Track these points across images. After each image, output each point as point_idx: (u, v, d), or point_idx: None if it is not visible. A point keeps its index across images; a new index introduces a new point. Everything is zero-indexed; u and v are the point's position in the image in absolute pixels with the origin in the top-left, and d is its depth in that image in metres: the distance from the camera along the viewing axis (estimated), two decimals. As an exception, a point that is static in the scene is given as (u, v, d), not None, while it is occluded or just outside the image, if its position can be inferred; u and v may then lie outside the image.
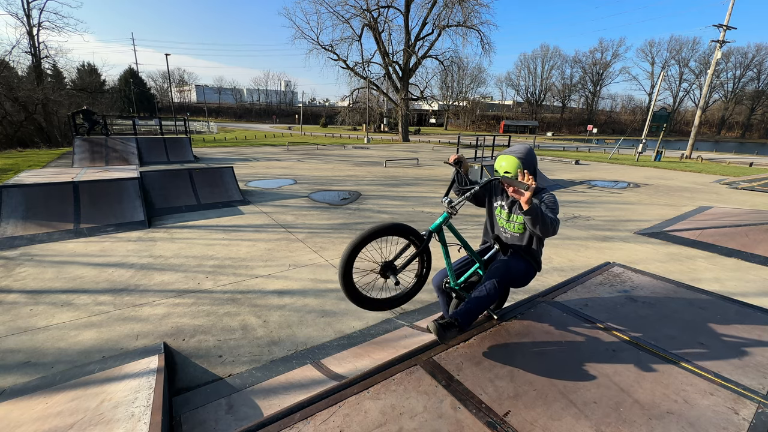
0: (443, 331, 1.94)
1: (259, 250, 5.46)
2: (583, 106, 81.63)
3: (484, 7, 39.16)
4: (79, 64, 43.23)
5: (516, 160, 2.22)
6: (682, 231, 6.78)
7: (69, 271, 4.57)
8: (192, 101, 77.90)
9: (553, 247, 5.99)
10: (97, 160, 12.03)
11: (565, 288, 2.93)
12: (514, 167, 2.20)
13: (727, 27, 23.65)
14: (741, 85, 71.35)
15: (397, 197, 9.49)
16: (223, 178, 8.60)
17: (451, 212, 2.05)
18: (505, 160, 2.24)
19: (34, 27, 26.68)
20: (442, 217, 2.07)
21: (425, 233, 2.07)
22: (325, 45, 33.98)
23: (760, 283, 4.76)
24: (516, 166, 2.21)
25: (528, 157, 2.25)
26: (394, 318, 3.73)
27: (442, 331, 1.94)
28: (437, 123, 78.78)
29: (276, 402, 2.47)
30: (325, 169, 14.22)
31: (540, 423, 1.56)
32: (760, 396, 1.75)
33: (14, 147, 19.71)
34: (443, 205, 2.07)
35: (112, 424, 1.92)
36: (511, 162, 2.22)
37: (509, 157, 2.23)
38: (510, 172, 2.21)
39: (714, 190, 12.11)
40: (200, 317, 3.64)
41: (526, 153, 2.27)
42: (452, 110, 71.84)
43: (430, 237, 2.07)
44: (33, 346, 3.12)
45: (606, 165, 19.29)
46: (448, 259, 2.22)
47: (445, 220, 2.07)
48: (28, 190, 6.20)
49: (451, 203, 2.05)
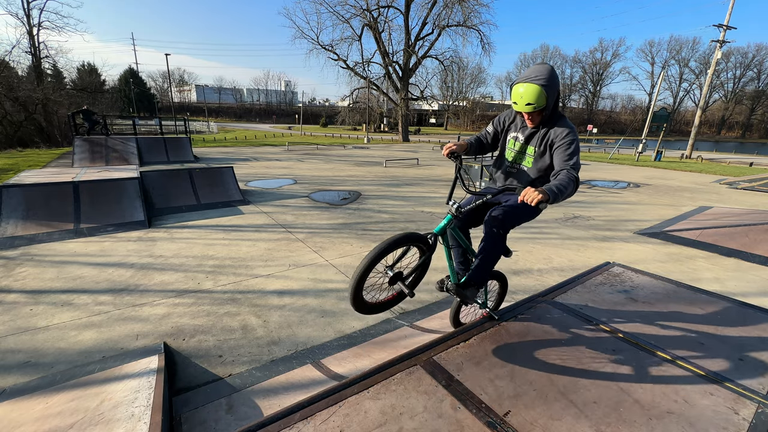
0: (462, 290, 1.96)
1: (259, 250, 5.46)
2: (583, 106, 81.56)
3: (484, 7, 39.12)
4: (79, 64, 43.17)
5: (538, 88, 1.83)
6: (682, 231, 6.78)
7: (69, 271, 4.57)
8: (192, 101, 77.85)
9: (553, 247, 5.99)
10: (97, 160, 12.02)
11: (565, 288, 2.93)
12: (536, 97, 1.84)
13: (727, 27, 23.64)
14: (741, 85, 71.31)
15: (397, 197, 9.49)
16: (223, 178, 8.60)
17: (456, 215, 1.99)
18: (522, 89, 1.86)
19: (34, 27, 26.70)
20: (446, 219, 2.02)
21: (430, 236, 2.01)
22: (325, 45, 33.98)
23: (760, 283, 4.76)
24: (538, 95, 1.83)
25: (551, 81, 1.85)
26: (394, 318, 3.73)
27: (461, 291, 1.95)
28: (437, 123, 78.75)
29: (276, 402, 2.47)
30: (325, 169, 14.22)
31: (540, 423, 1.56)
32: (760, 396, 1.75)
33: (14, 147, 19.72)
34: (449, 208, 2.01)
35: (112, 424, 1.92)
36: (531, 91, 1.84)
37: (528, 86, 1.84)
38: (532, 103, 1.85)
39: (714, 190, 12.11)
40: (200, 317, 3.64)
41: (549, 76, 1.84)
42: (452, 110, 71.75)
43: (436, 241, 2.04)
44: (33, 346, 3.12)
45: (606, 165, 19.30)
46: (450, 260, 2.17)
47: (449, 222, 2.02)
48: (28, 190, 6.19)
49: (460, 208, 1.98)
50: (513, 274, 4.80)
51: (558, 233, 6.79)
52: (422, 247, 2.03)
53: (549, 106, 1.92)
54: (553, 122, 2.00)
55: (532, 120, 2.02)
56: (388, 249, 1.82)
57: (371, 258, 1.79)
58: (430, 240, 2.01)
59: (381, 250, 1.80)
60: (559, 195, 1.72)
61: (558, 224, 7.37)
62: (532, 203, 1.60)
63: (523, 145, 2.10)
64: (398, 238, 1.86)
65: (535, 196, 1.59)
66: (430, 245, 2.02)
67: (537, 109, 1.89)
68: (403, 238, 1.88)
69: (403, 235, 1.89)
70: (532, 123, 2.04)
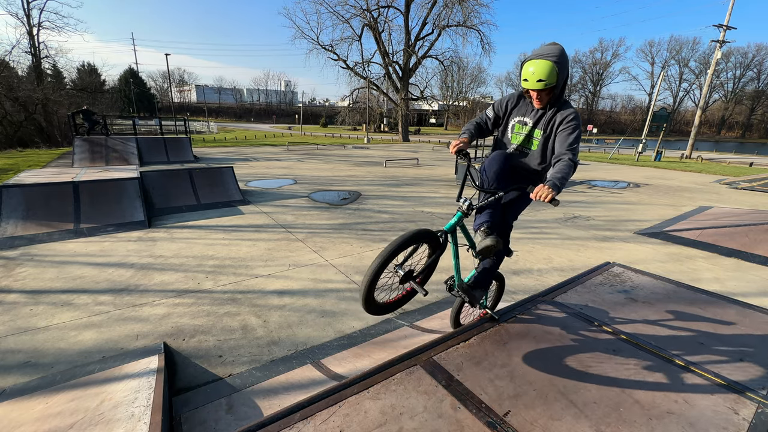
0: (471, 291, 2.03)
1: (259, 250, 5.46)
2: (583, 106, 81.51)
3: (484, 7, 39.15)
4: (79, 64, 43.16)
5: (550, 64, 1.80)
6: (682, 231, 6.78)
7: (69, 271, 4.57)
8: (192, 101, 77.83)
9: (553, 247, 5.99)
10: (97, 160, 12.02)
11: (565, 288, 2.93)
12: (548, 73, 1.80)
13: (727, 27, 23.65)
14: (741, 85, 71.29)
15: (398, 197, 9.49)
16: (223, 178, 8.60)
17: (467, 213, 1.96)
18: (534, 66, 1.83)
19: (34, 27, 26.72)
20: (456, 217, 1.98)
21: (441, 234, 1.99)
22: (325, 45, 33.99)
23: (760, 283, 4.75)
24: (550, 71, 1.80)
25: (563, 59, 1.84)
26: (394, 318, 3.72)
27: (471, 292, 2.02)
28: (437, 123, 78.75)
29: (276, 402, 2.47)
30: (325, 169, 14.22)
31: (540, 423, 1.56)
32: (760, 396, 1.75)
33: (14, 147, 19.72)
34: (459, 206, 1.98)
35: (112, 424, 1.92)
36: (543, 67, 1.80)
37: (541, 62, 1.81)
38: (544, 80, 1.82)
39: (714, 190, 12.11)
40: (200, 317, 3.64)
41: (561, 54, 1.83)
42: (452, 110, 71.77)
43: (446, 239, 2.01)
44: (33, 346, 3.12)
45: (606, 165, 19.30)
46: (457, 260, 2.13)
47: (459, 220, 1.98)
48: (28, 190, 6.19)
49: (471, 205, 1.94)
50: (513, 274, 4.79)
51: (558, 233, 6.79)
52: (432, 245, 2.00)
53: (559, 85, 1.90)
54: (559, 105, 1.99)
55: (540, 99, 1.97)
56: (400, 248, 1.79)
57: (384, 257, 1.76)
58: (440, 238, 1.98)
59: (393, 248, 1.77)
60: (563, 186, 1.75)
61: (558, 224, 7.37)
62: (545, 200, 1.64)
63: (530, 129, 2.06)
64: (410, 236, 1.84)
65: (548, 192, 1.64)
66: (440, 243, 1.99)
67: (548, 86, 1.85)
68: (414, 236, 1.85)
69: (415, 233, 1.86)
70: (540, 103, 1.98)
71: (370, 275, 1.77)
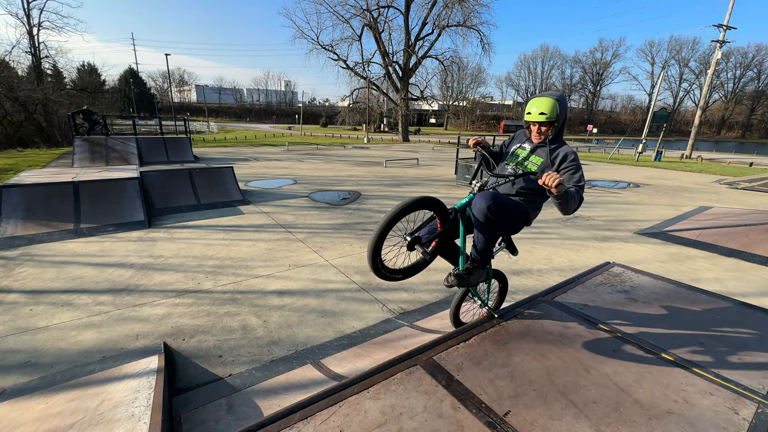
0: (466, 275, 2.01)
1: (259, 250, 5.46)
2: (583, 106, 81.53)
3: (484, 7, 39.08)
4: (79, 64, 43.07)
5: (552, 101, 2.03)
6: (682, 231, 6.78)
7: (69, 271, 4.57)
8: (192, 101, 77.81)
9: (553, 247, 5.99)
10: (97, 160, 12.02)
11: (565, 288, 2.93)
12: (550, 108, 2.02)
13: (727, 27, 23.64)
14: (741, 85, 71.28)
15: (398, 197, 9.49)
16: (223, 178, 8.60)
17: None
18: (537, 104, 2.05)
19: (34, 27, 26.68)
20: (468, 197, 2.01)
21: (451, 211, 2.00)
22: (325, 45, 33.98)
23: (760, 283, 4.76)
24: (552, 107, 2.03)
25: (563, 101, 2.07)
26: (394, 318, 3.73)
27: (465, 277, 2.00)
28: (437, 123, 78.75)
29: (276, 402, 2.47)
30: (325, 169, 14.22)
31: (540, 423, 1.56)
32: (760, 396, 1.75)
33: (14, 147, 19.72)
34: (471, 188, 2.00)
35: (112, 424, 1.92)
36: (545, 104, 2.03)
37: (544, 99, 2.04)
38: (546, 113, 2.03)
39: (714, 190, 12.11)
40: (200, 317, 3.64)
41: (561, 96, 2.08)
42: (452, 110, 71.78)
43: (456, 216, 2.03)
44: (33, 346, 3.12)
45: (606, 165, 19.30)
46: (463, 243, 2.13)
47: (470, 201, 2.01)
48: (28, 190, 6.19)
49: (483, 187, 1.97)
50: (513, 274, 4.79)
51: (558, 233, 6.79)
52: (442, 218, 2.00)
53: (558, 122, 2.09)
54: (558, 143, 2.14)
55: (540, 133, 2.14)
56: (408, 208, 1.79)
57: (392, 216, 1.76)
58: (450, 214, 2.01)
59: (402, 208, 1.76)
60: (568, 200, 1.84)
61: (558, 224, 7.37)
62: (553, 183, 1.70)
63: (528, 153, 2.22)
64: (420, 199, 1.82)
65: (555, 177, 1.71)
66: (450, 219, 2.01)
67: (549, 119, 2.05)
68: (424, 200, 1.84)
69: (426, 198, 1.85)
70: (540, 137, 2.15)
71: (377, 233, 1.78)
